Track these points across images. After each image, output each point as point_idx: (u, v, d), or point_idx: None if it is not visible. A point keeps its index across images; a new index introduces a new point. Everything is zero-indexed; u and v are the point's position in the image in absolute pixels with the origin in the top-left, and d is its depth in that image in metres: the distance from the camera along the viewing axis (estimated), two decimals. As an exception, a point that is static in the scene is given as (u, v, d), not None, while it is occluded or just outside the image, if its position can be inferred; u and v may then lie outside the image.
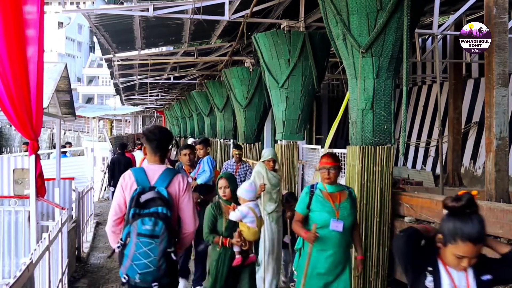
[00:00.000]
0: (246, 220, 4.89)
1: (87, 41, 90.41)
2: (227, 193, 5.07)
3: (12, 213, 6.97)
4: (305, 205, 4.78)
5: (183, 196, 3.96)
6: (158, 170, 4.00)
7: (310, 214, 4.73)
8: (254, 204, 5.04)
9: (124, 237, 3.74)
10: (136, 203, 3.76)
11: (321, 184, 4.82)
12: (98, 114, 49.55)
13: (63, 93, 8.27)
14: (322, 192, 4.77)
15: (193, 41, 15.04)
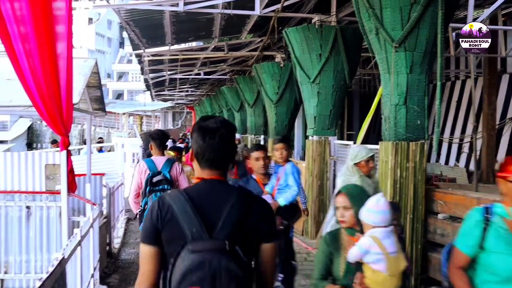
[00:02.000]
0: (369, 259, 3.13)
1: (117, 37, 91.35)
2: (348, 217, 3.32)
3: (44, 209, 7.15)
4: (475, 241, 2.94)
5: (180, 177, 6.29)
6: (162, 161, 6.27)
7: (484, 257, 2.92)
8: (386, 232, 3.17)
9: (143, 205, 6.01)
10: (150, 182, 6.03)
11: (502, 208, 2.96)
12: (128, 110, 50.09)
13: (94, 89, 8.37)
14: (507, 222, 2.92)
15: (223, 36, 15.10)
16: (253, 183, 5.27)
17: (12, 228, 7.12)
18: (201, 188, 2.40)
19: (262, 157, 5.23)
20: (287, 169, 5.32)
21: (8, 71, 6.78)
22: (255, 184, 5.25)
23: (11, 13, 4.09)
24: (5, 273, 7.13)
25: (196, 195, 2.34)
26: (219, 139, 2.37)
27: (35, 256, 7.18)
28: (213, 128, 2.38)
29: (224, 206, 2.30)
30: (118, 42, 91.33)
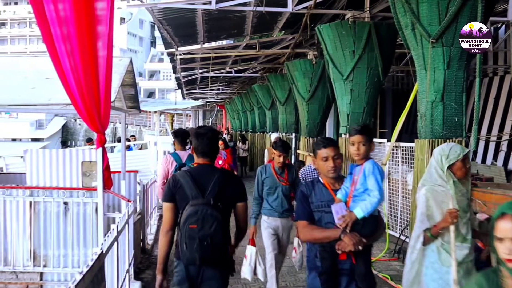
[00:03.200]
0: None
1: (148, 36, 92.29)
2: None
3: (80, 205, 7.23)
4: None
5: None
6: (185, 154, 7.13)
7: None
8: None
9: None
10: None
11: None
12: (159, 108, 50.41)
13: (128, 87, 8.45)
14: None
15: (255, 33, 15.10)
16: (320, 190, 3.88)
17: (50, 223, 7.21)
18: (198, 169, 4.10)
19: (332, 156, 3.81)
20: (367, 169, 3.78)
21: (47, 71, 6.90)
22: (323, 191, 3.86)
23: (54, 15, 4.15)
24: (44, 266, 7.23)
25: (195, 173, 4.03)
26: (207, 139, 4.09)
27: (72, 250, 7.26)
28: (203, 132, 4.12)
29: (211, 179, 3.97)
30: (150, 41, 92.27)
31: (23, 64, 7.57)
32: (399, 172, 9.29)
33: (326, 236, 3.65)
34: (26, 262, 7.24)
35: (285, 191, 6.46)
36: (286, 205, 6.48)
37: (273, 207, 6.46)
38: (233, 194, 4.07)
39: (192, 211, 3.79)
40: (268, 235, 6.53)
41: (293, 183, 6.49)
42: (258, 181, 6.51)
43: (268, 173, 6.51)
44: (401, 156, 9.15)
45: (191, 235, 3.79)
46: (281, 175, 6.44)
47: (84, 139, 61.50)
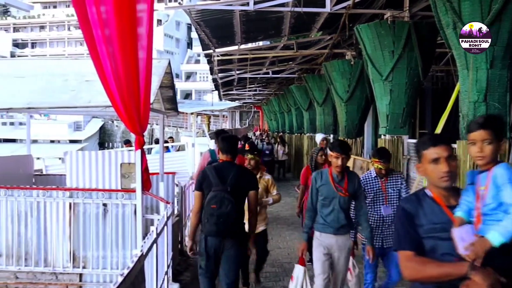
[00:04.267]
0: None
1: (185, 38, 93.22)
2: None
3: (119, 206, 7.36)
4: None
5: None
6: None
7: None
8: None
9: None
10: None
11: None
12: (196, 109, 50.82)
13: (166, 89, 8.55)
14: None
15: (293, 34, 15.10)
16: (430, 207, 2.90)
17: (90, 225, 7.36)
18: (221, 164, 5.57)
19: (445, 157, 2.84)
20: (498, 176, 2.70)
21: (87, 73, 7.07)
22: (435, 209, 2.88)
23: (96, 17, 4.25)
24: (83, 267, 7.38)
25: (218, 167, 5.49)
26: (229, 142, 5.67)
27: (111, 252, 7.39)
28: (226, 136, 5.82)
29: (230, 172, 5.39)
30: (186, 43, 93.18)
31: (64, 67, 7.76)
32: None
33: (445, 274, 2.64)
34: (66, 263, 7.41)
35: (343, 204, 5.54)
36: (344, 220, 5.57)
37: (327, 221, 5.58)
38: (246, 184, 5.53)
39: (213, 195, 5.24)
40: (319, 254, 5.62)
41: (354, 195, 5.62)
42: (313, 189, 5.63)
43: (325, 179, 5.57)
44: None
45: (211, 213, 5.23)
46: (340, 183, 5.50)
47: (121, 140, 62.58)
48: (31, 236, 7.42)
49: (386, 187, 6.16)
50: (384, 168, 6.03)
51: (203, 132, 32.51)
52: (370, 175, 6.22)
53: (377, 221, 6.16)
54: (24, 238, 7.44)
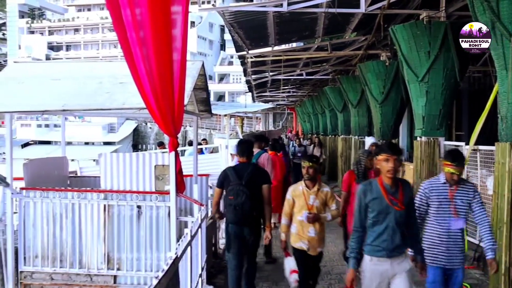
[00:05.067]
0: None
1: (218, 39, 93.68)
2: None
3: (153, 208, 7.45)
4: None
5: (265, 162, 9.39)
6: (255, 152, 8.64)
7: None
8: None
9: None
10: None
11: None
12: (229, 111, 50.96)
13: (200, 91, 8.62)
14: None
15: (327, 35, 15.07)
16: None
17: (124, 227, 7.47)
18: (239, 165, 6.78)
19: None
20: None
21: (122, 75, 7.18)
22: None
23: (131, 19, 4.32)
24: (117, 269, 7.50)
25: (237, 167, 6.76)
26: (244, 146, 6.89)
27: (145, 254, 7.48)
28: (242, 142, 7.31)
29: (246, 171, 6.53)
30: (219, 44, 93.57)
31: (99, 69, 7.89)
32: (478, 176, 9.05)
33: None
34: (100, 264, 7.53)
35: (400, 219, 4.67)
36: (399, 239, 4.68)
37: (379, 242, 4.70)
38: (260, 180, 6.64)
39: (230, 188, 6.49)
40: (370, 284, 4.82)
41: (409, 207, 4.77)
42: (361, 205, 4.77)
43: (376, 192, 4.71)
44: (480, 160, 8.93)
45: (230, 203, 6.47)
46: (394, 195, 4.68)
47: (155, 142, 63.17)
48: (66, 237, 7.57)
49: (455, 197, 5.22)
50: (457, 173, 5.15)
51: (236, 134, 32.60)
52: (438, 181, 5.35)
53: (441, 236, 5.24)
54: (59, 240, 7.59)
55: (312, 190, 6.22)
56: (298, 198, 6.20)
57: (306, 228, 6.14)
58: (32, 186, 7.72)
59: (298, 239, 6.21)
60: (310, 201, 6.16)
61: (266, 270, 8.61)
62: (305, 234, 6.16)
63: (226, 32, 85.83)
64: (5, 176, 7.17)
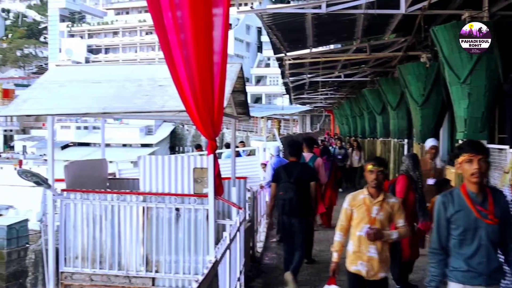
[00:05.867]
0: None
1: (255, 41, 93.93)
2: None
3: (192, 211, 7.50)
4: None
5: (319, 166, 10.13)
6: (308, 156, 10.17)
7: None
8: None
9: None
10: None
11: None
12: (266, 113, 51.13)
13: (238, 93, 8.65)
14: None
15: (365, 37, 14.97)
16: None
17: (162, 229, 7.56)
18: (289, 163, 8.24)
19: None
20: None
21: (160, 78, 7.27)
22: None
23: (172, 22, 4.37)
24: (156, 271, 7.58)
25: (287, 166, 8.13)
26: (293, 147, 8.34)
27: (183, 257, 7.55)
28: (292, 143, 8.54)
29: (295, 169, 7.88)
30: (256, 47, 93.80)
31: (138, 72, 7.98)
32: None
33: None
34: (139, 267, 7.62)
35: (493, 236, 3.84)
36: (496, 261, 3.86)
37: (472, 266, 3.85)
38: (307, 177, 7.90)
39: (281, 185, 7.74)
40: None
41: (505, 220, 3.88)
42: (440, 221, 4.01)
43: (458, 203, 3.91)
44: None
45: (280, 197, 7.71)
46: (483, 205, 3.84)
47: (192, 144, 63.71)
48: (105, 239, 7.69)
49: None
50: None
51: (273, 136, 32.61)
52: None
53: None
54: (99, 241, 7.72)
55: (376, 199, 5.17)
56: (358, 209, 5.18)
57: (365, 246, 5.09)
58: (73, 187, 7.87)
59: (355, 259, 5.16)
60: (373, 213, 5.12)
61: (304, 274, 8.59)
62: (363, 253, 5.11)
63: (263, 34, 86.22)
64: (47, 177, 7.34)
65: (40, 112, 7.61)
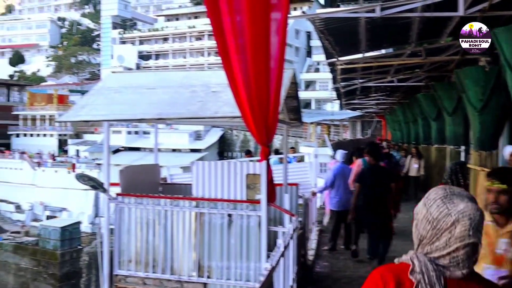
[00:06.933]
0: None
1: (304, 46, 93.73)
2: None
3: (244, 217, 7.50)
4: None
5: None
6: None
7: None
8: None
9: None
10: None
11: None
12: (316, 119, 50.94)
13: (291, 99, 8.61)
14: None
15: (420, 40, 14.69)
16: None
17: (215, 235, 7.58)
18: (371, 166, 9.44)
19: None
20: None
21: (214, 84, 7.31)
22: None
23: (230, 27, 4.37)
24: (208, 277, 7.61)
25: (372, 168, 9.37)
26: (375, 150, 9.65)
27: (235, 263, 7.54)
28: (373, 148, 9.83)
29: (377, 171, 9.21)
30: (305, 51, 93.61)
31: (191, 79, 8.05)
32: None
33: None
34: (191, 272, 7.67)
35: None
36: None
37: None
38: (387, 179, 9.00)
39: (364, 184, 8.93)
40: None
41: None
42: None
43: None
44: None
45: (364, 196, 8.91)
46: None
47: (240, 150, 63.97)
48: (158, 243, 7.77)
49: None
50: None
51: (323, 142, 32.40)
52: None
53: None
54: (152, 245, 7.81)
55: (504, 229, 3.72)
56: None
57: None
58: (127, 192, 7.98)
59: None
60: (500, 248, 3.67)
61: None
62: None
63: (312, 38, 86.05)
64: (102, 182, 7.46)
65: (97, 118, 7.76)
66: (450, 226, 2.04)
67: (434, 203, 2.11)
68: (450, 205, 2.07)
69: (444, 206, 2.08)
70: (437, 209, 2.09)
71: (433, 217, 2.08)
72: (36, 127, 78.69)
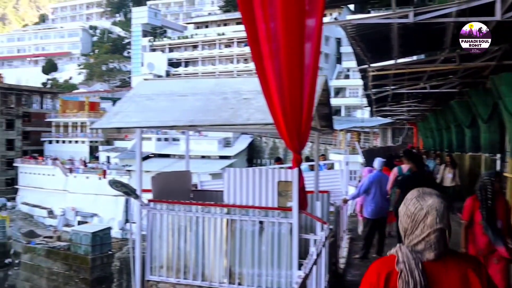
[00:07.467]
0: None
1: (334, 52, 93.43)
2: None
3: (275, 225, 7.48)
4: None
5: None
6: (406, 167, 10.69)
7: None
8: None
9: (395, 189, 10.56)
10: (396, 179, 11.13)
11: None
12: (346, 126, 50.57)
13: (323, 106, 8.58)
14: None
15: (454, 46, 14.50)
16: None
17: (246, 242, 7.57)
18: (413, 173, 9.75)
19: None
20: None
21: (245, 91, 7.32)
22: None
23: (265, 33, 4.37)
24: (239, 284, 7.60)
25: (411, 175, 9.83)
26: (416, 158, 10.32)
27: (266, 270, 7.52)
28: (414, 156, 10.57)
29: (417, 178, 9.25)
30: (335, 58, 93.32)
31: (223, 86, 8.08)
32: None
33: None
34: (222, 278, 7.68)
35: None
36: None
37: None
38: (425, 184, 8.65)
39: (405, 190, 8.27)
40: None
41: None
42: None
43: None
44: None
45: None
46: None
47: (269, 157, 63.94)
48: (189, 250, 7.81)
49: None
50: None
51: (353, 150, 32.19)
52: None
53: None
54: (183, 252, 7.85)
55: None
56: None
57: None
58: (159, 198, 8.03)
59: None
60: None
61: None
62: None
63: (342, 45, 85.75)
64: (135, 188, 7.52)
65: (129, 125, 7.84)
66: (423, 217, 2.69)
67: (411, 202, 2.79)
68: (422, 202, 2.74)
69: (418, 203, 2.75)
70: (413, 205, 2.74)
71: (411, 212, 2.73)
72: (68, 134, 79.87)
